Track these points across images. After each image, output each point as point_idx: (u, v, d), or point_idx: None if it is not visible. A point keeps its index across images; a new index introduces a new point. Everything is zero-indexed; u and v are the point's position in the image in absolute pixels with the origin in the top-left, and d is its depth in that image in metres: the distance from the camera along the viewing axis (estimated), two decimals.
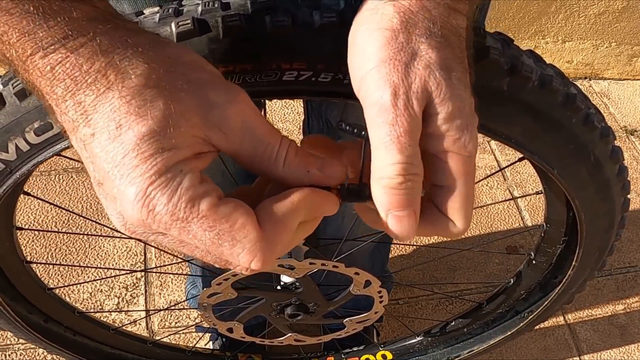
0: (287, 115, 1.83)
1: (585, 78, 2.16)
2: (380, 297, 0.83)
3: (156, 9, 0.43)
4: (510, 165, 0.84)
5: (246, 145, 0.36)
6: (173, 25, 0.41)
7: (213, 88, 0.35)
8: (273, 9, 0.42)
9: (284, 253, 0.39)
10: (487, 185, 1.74)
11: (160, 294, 1.46)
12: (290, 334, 0.96)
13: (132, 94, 0.32)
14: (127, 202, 0.33)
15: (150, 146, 0.32)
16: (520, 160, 0.63)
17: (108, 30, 0.33)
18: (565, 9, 1.91)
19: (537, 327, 1.01)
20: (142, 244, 1.51)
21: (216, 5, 0.42)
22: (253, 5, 0.42)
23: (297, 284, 0.80)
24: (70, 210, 1.56)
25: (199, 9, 0.42)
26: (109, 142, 0.32)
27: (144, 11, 0.44)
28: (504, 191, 1.73)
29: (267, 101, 0.51)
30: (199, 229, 0.33)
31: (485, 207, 1.66)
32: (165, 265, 1.53)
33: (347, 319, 0.92)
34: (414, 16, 0.36)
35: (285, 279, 0.81)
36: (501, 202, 1.68)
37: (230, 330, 0.91)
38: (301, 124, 1.05)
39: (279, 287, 0.82)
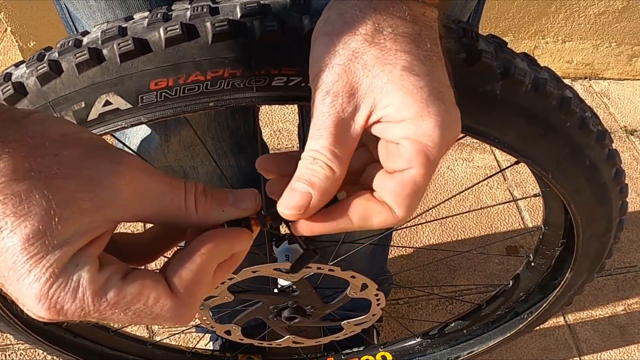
0: (287, 115, 1.83)
1: (585, 78, 2.15)
2: (378, 299, 0.83)
3: (146, 13, 0.43)
4: (509, 167, 0.83)
5: (150, 207, 0.35)
6: (161, 30, 0.41)
7: (93, 163, 0.32)
8: (262, 14, 0.42)
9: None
10: (487, 186, 1.73)
11: None
12: (288, 336, 0.95)
13: (3, 192, 0.29)
14: (32, 304, 0.31)
15: (39, 247, 0.30)
16: (517, 162, 0.63)
17: None
18: (565, 9, 1.90)
19: (536, 327, 1.01)
20: None
21: (205, 10, 0.42)
22: (242, 11, 0.42)
23: (294, 287, 0.80)
24: None
25: (188, 14, 0.42)
26: None
27: (134, 16, 0.43)
28: (504, 191, 1.73)
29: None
30: (114, 314, 0.33)
31: (485, 208, 1.66)
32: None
33: (344, 321, 0.92)
34: (360, 13, 0.36)
35: (282, 282, 0.81)
36: (501, 203, 1.68)
37: (228, 332, 0.91)
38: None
39: (275, 290, 0.82)
